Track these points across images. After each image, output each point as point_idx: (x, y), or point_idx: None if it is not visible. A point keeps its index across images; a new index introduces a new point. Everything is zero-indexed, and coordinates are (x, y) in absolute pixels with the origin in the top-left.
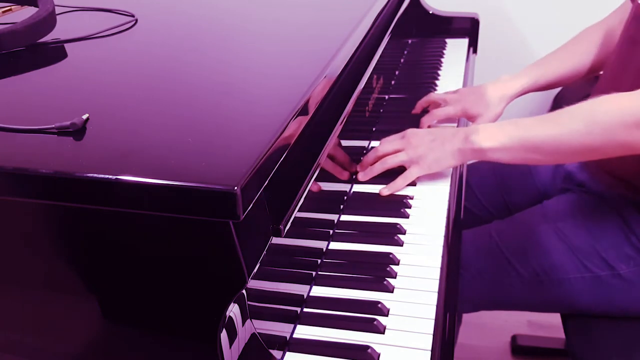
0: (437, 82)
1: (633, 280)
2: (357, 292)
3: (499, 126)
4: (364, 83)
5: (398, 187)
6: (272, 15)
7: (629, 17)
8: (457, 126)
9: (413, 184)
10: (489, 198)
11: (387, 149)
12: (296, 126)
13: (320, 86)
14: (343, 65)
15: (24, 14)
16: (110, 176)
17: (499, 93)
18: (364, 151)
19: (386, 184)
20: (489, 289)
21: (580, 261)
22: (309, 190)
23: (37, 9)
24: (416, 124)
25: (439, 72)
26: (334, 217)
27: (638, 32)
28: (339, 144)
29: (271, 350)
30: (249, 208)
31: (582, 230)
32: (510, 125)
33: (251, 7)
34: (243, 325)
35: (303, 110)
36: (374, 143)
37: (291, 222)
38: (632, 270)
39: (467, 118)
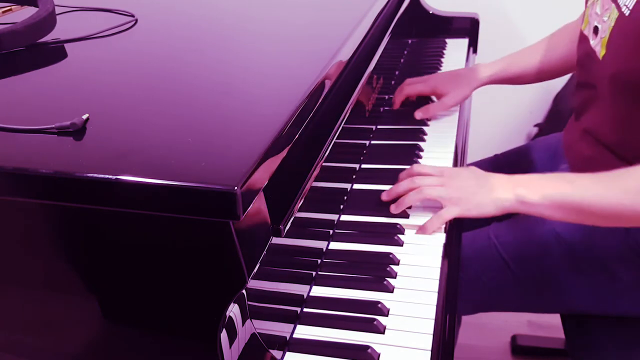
0: None
1: (631, 283)
2: (357, 292)
3: (549, 180)
4: (364, 83)
5: (434, 227)
6: (272, 15)
7: (578, 41)
8: (458, 123)
9: None
10: None
11: (425, 182)
12: (296, 126)
13: (320, 86)
14: (343, 65)
15: (24, 14)
16: (110, 176)
17: (470, 75)
18: (364, 151)
19: (388, 185)
20: (487, 291)
21: (578, 264)
22: (309, 190)
23: (37, 9)
24: (416, 123)
25: (439, 72)
26: (334, 217)
27: (585, 59)
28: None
29: (271, 350)
30: (249, 208)
31: (579, 233)
32: (562, 182)
33: (251, 7)
34: (243, 325)
35: (303, 110)
36: (374, 143)
37: (291, 222)
38: (630, 273)
39: (435, 96)
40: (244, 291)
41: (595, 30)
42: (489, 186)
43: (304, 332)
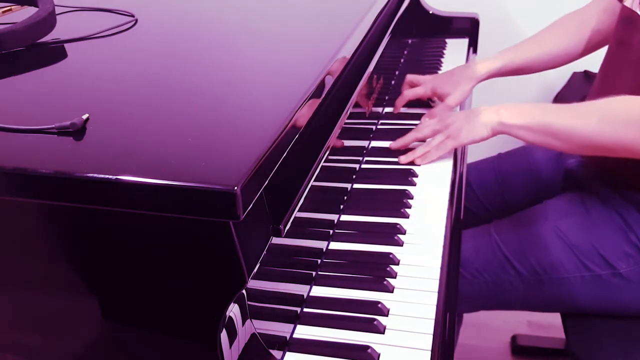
0: None
1: (633, 279)
2: (357, 292)
3: (528, 106)
4: (364, 83)
5: (432, 157)
6: (272, 15)
7: (618, 18)
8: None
9: (413, 184)
10: (489, 197)
11: (426, 133)
12: (296, 126)
13: (320, 86)
14: (343, 65)
15: (24, 14)
16: (110, 176)
17: (468, 73)
18: (364, 151)
19: (388, 185)
20: (489, 289)
21: (580, 260)
22: (309, 190)
23: (37, 9)
24: (417, 123)
25: (439, 72)
26: (334, 217)
27: (627, 34)
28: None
29: (271, 350)
30: (249, 208)
31: (581, 229)
32: (537, 108)
33: (251, 7)
34: (243, 325)
35: (303, 110)
36: (374, 143)
37: (291, 222)
38: (632, 269)
39: (437, 97)
40: (244, 291)
41: None
42: (476, 113)
43: (304, 332)
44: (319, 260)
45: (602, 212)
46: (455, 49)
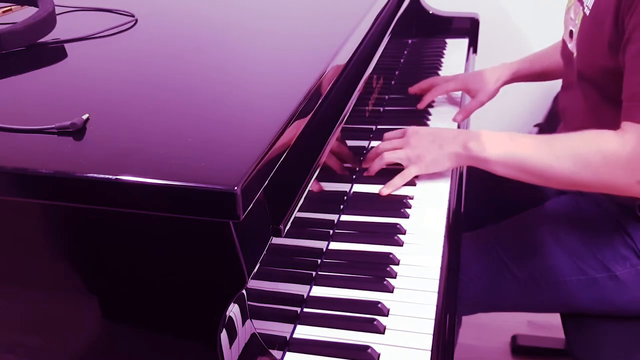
0: None
1: (629, 281)
2: (357, 292)
3: (498, 138)
4: (364, 83)
5: (396, 185)
6: (272, 15)
7: (562, 59)
8: (458, 124)
9: (413, 184)
10: (488, 199)
11: (387, 147)
12: (296, 126)
13: (320, 86)
14: (343, 65)
15: (24, 14)
16: (110, 176)
17: (496, 74)
18: (364, 151)
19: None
20: (486, 292)
21: (576, 263)
22: (309, 190)
23: (37, 9)
24: (416, 124)
25: (439, 72)
26: (334, 217)
27: (569, 74)
28: (341, 140)
29: (271, 350)
30: (249, 208)
31: (577, 232)
32: (509, 141)
33: (251, 7)
34: (243, 325)
35: (303, 110)
36: (374, 143)
37: (291, 222)
38: (628, 271)
39: (466, 92)
40: (244, 291)
41: (571, 34)
42: (442, 142)
43: (304, 332)
44: (319, 260)
45: (598, 215)
46: (455, 49)
